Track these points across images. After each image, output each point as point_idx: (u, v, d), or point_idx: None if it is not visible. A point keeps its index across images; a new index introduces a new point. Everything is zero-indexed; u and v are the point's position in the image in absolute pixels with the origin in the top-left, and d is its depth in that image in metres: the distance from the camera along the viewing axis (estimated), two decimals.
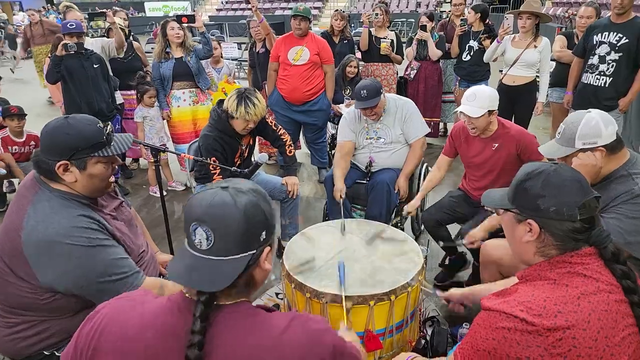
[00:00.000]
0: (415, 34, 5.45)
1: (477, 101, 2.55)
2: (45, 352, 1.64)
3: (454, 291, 1.99)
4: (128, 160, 5.35)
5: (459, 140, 2.88)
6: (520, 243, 1.29)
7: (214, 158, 2.90)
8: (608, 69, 3.68)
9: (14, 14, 22.96)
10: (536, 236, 1.25)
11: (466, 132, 2.78)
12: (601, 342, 1.10)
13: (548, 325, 1.10)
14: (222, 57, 5.17)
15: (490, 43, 4.66)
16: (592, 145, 1.79)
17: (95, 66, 4.02)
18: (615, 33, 3.60)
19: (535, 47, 4.17)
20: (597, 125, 1.78)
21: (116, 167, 1.73)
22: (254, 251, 1.02)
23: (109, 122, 1.66)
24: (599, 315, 1.12)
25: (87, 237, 1.52)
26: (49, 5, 27.72)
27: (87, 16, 4.63)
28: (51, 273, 1.49)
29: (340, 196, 3.06)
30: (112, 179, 1.71)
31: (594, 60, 3.75)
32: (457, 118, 5.32)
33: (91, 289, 1.54)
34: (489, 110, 2.56)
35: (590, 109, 1.84)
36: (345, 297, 1.94)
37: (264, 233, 1.04)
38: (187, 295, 1.03)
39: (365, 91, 2.97)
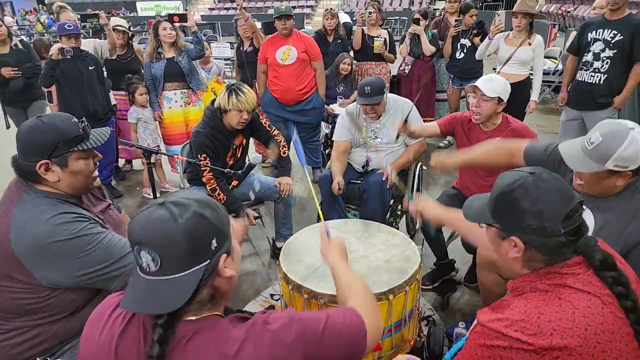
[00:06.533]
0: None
1: (493, 84, 2.58)
2: (37, 359, 1.62)
3: (434, 210, 1.93)
4: (121, 162, 5.31)
5: (460, 128, 2.85)
6: (507, 258, 1.25)
7: (204, 155, 2.88)
8: (603, 66, 3.67)
9: (4, 15, 22.74)
10: (522, 253, 1.21)
11: (470, 124, 2.77)
12: (599, 357, 1.08)
13: (544, 345, 1.07)
14: (211, 56, 5.14)
15: (481, 40, 4.65)
16: (623, 169, 1.55)
17: (90, 68, 3.99)
18: (609, 30, 3.59)
19: (530, 44, 4.16)
20: (639, 148, 1.51)
21: (97, 163, 1.71)
22: (207, 261, 0.98)
23: (84, 118, 1.64)
24: (595, 330, 1.09)
25: (75, 228, 1.52)
26: (40, 5, 27.55)
27: (79, 17, 4.58)
28: (51, 273, 1.50)
29: (339, 189, 3.04)
30: (96, 173, 1.70)
31: (589, 57, 3.73)
32: (453, 111, 5.31)
33: (94, 276, 1.54)
34: (499, 98, 2.58)
35: (633, 127, 1.54)
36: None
37: (214, 241, 0.99)
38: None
39: (369, 88, 2.95)
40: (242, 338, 0.96)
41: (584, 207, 1.66)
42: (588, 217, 1.69)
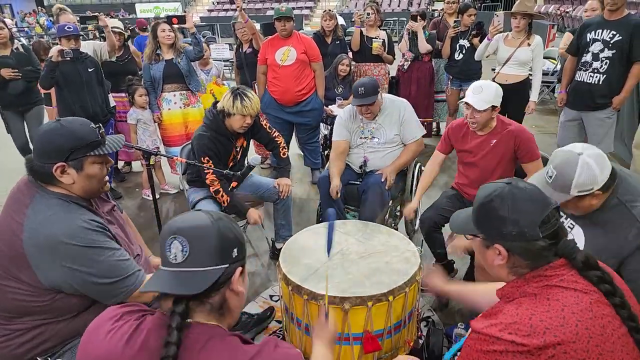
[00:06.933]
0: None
1: (484, 94, 2.56)
2: (39, 358, 1.64)
3: (439, 284, 1.93)
4: (120, 164, 5.31)
5: (455, 136, 2.87)
6: (493, 266, 1.30)
7: (207, 157, 2.88)
8: (602, 66, 3.67)
9: (4, 17, 22.70)
10: (506, 260, 1.25)
11: (464, 128, 2.78)
12: (593, 351, 1.09)
13: (538, 345, 1.09)
14: (210, 58, 5.15)
15: (480, 41, 4.66)
16: (588, 192, 1.61)
17: (90, 70, 3.99)
18: (608, 30, 3.59)
19: (529, 45, 4.17)
20: (593, 172, 1.58)
21: (110, 168, 1.75)
22: (227, 265, 1.07)
23: (100, 124, 1.68)
24: (586, 325, 1.11)
25: (90, 239, 1.55)
26: (39, 8, 27.56)
27: (79, 19, 4.58)
28: (55, 274, 1.51)
29: (337, 193, 3.05)
30: (107, 178, 1.74)
31: (588, 57, 3.74)
32: (452, 112, 5.33)
33: (95, 289, 1.58)
34: (492, 106, 2.57)
35: (581, 152, 1.60)
36: (343, 298, 1.93)
37: (235, 250, 1.10)
38: (164, 313, 1.07)
39: (363, 88, 2.98)
40: (254, 351, 1.05)
41: (574, 223, 1.75)
42: (578, 233, 1.75)
